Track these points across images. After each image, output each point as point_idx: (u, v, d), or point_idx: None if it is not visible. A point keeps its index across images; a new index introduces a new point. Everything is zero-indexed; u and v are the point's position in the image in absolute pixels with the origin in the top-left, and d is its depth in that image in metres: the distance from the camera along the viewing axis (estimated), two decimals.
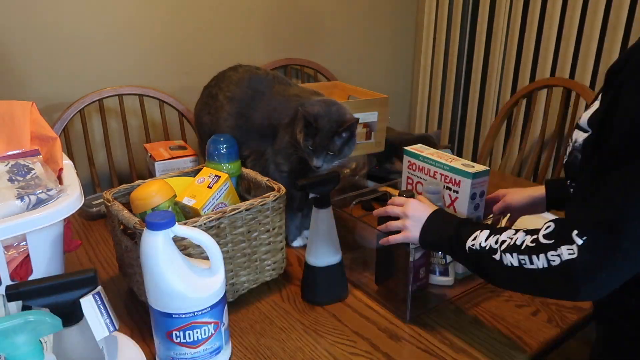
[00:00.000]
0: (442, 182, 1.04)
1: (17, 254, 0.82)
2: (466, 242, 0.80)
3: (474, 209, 1.01)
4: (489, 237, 0.78)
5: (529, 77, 2.12)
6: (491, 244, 0.76)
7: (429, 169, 1.07)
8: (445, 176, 1.04)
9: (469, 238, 0.80)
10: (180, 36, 1.91)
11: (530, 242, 0.72)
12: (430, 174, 1.07)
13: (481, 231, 0.80)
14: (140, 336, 0.91)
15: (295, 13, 2.17)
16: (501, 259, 0.74)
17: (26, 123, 0.97)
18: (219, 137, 1.11)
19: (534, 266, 0.70)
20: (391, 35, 2.51)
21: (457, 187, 1.01)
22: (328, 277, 1.00)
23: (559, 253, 0.68)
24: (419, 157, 1.09)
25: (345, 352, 0.88)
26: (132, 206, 0.93)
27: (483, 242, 0.78)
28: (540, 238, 0.71)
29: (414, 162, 1.11)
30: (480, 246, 0.78)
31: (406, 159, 1.13)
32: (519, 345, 0.89)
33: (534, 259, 0.70)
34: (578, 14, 1.91)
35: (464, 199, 1.01)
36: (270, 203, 0.98)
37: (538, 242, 0.71)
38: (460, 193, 1.01)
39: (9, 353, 0.56)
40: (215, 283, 0.79)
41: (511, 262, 0.73)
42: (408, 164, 1.13)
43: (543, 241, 0.70)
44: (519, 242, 0.73)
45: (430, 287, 1.03)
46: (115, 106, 1.78)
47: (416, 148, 1.12)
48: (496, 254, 0.75)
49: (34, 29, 1.64)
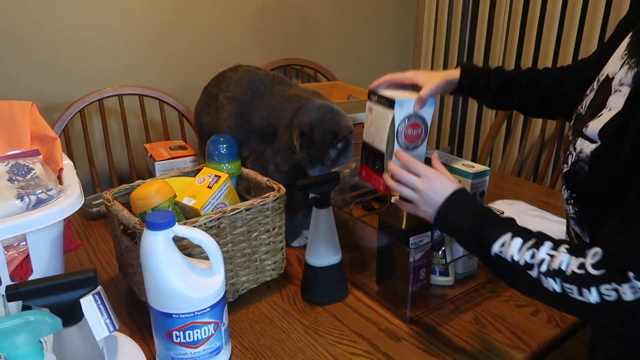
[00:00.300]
0: None
1: (17, 254, 0.82)
2: (492, 246, 0.73)
3: None
4: (522, 249, 0.71)
5: None
6: (526, 259, 0.70)
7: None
8: None
9: (495, 242, 0.73)
10: (180, 36, 1.91)
11: (577, 268, 0.65)
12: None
13: (511, 237, 0.72)
14: (140, 336, 0.91)
15: (295, 13, 2.17)
16: (539, 279, 0.68)
17: (26, 123, 0.97)
18: (219, 137, 1.11)
19: (584, 299, 0.64)
20: (391, 35, 2.51)
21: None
22: (328, 277, 1.00)
23: (615, 289, 0.62)
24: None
25: (345, 352, 0.88)
26: (132, 206, 0.93)
27: (515, 255, 0.71)
28: (589, 267, 0.64)
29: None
30: (512, 259, 0.71)
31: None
32: (519, 345, 0.89)
33: (584, 292, 0.64)
34: (578, 14, 1.91)
35: None
36: (270, 203, 0.98)
37: (587, 271, 0.64)
38: None
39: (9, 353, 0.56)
40: (215, 283, 0.79)
41: (554, 287, 0.67)
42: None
43: (593, 272, 0.64)
44: (563, 266, 0.66)
45: (430, 287, 1.03)
46: (115, 106, 1.78)
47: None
48: (532, 271, 0.69)
49: (34, 29, 1.64)
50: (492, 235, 0.74)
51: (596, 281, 0.63)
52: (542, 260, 0.68)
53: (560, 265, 0.67)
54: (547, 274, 0.67)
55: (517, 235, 0.72)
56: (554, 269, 0.67)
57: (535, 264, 0.69)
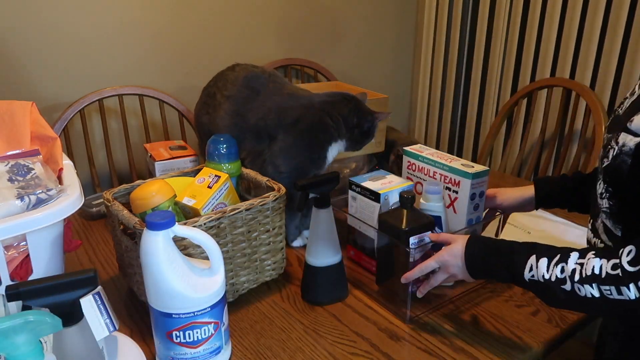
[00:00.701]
0: (442, 182, 1.04)
1: (17, 254, 0.82)
2: (523, 274, 0.76)
3: (473, 209, 1.02)
4: (550, 266, 0.73)
5: (529, 77, 2.12)
6: (557, 274, 0.72)
7: (428, 169, 1.07)
8: (444, 176, 1.04)
9: (524, 270, 0.76)
10: (180, 36, 1.91)
11: (611, 269, 0.67)
12: (430, 175, 1.07)
13: (537, 260, 0.75)
14: (140, 336, 0.91)
15: (295, 13, 2.17)
16: (574, 289, 0.70)
17: (26, 123, 0.97)
18: (219, 137, 1.11)
19: (623, 297, 0.66)
20: (391, 35, 2.51)
21: (457, 188, 1.01)
22: (328, 277, 1.00)
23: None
24: (419, 158, 1.09)
25: (345, 352, 0.88)
26: (132, 206, 0.93)
27: (546, 274, 0.73)
28: (625, 265, 0.66)
29: (413, 162, 1.11)
30: (543, 278, 0.73)
31: (405, 159, 1.13)
32: (519, 345, 0.89)
33: (623, 290, 0.66)
34: (578, 14, 1.91)
35: (463, 199, 1.01)
36: (270, 203, 0.98)
37: (623, 269, 0.66)
38: (460, 193, 1.01)
39: (9, 353, 0.56)
40: (215, 283, 0.79)
41: (591, 293, 0.68)
42: (408, 164, 1.13)
43: (630, 269, 0.65)
44: (596, 270, 0.68)
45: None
46: (115, 106, 1.78)
47: (416, 148, 1.12)
48: (566, 284, 0.71)
49: (34, 29, 1.64)
50: (519, 265, 0.76)
51: (633, 277, 0.65)
52: (573, 271, 0.70)
53: (593, 270, 0.68)
54: (581, 281, 0.69)
55: (541, 255, 0.75)
56: (587, 275, 0.69)
57: (567, 276, 0.71)
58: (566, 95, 1.88)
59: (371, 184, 1.04)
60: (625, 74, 1.81)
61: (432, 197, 1.00)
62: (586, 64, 1.92)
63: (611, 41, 1.82)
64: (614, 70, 1.84)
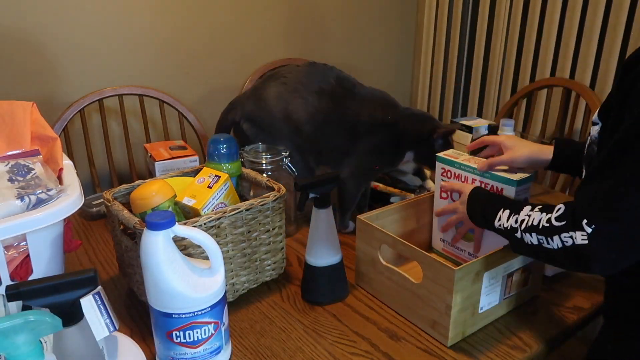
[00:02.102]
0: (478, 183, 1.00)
1: (17, 254, 0.82)
2: (494, 223, 0.87)
3: None
4: (509, 217, 0.84)
5: (529, 77, 2.12)
6: (512, 224, 0.83)
7: (466, 176, 1.01)
8: (485, 184, 0.99)
9: (494, 220, 0.87)
10: (180, 36, 1.91)
11: (545, 222, 0.78)
12: (467, 182, 1.02)
13: (502, 211, 0.86)
14: (140, 336, 0.91)
15: (295, 13, 2.17)
16: (522, 238, 0.81)
17: (26, 123, 0.97)
18: (219, 137, 1.11)
19: (550, 246, 0.77)
20: (391, 35, 2.51)
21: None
22: (328, 277, 1.00)
23: (570, 235, 0.74)
24: (455, 164, 1.03)
25: (345, 352, 0.88)
26: (132, 206, 0.93)
27: (505, 223, 0.85)
28: (553, 220, 0.77)
29: (448, 169, 1.04)
30: (504, 227, 0.85)
31: (439, 166, 1.06)
32: (519, 345, 0.89)
33: (549, 240, 0.77)
34: (578, 14, 1.91)
35: None
36: (270, 203, 0.98)
37: (551, 224, 0.77)
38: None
39: (9, 353, 0.56)
40: (215, 283, 0.79)
41: (531, 241, 0.80)
42: (442, 171, 1.06)
43: (556, 223, 0.76)
44: (535, 222, 0.79)
45: None
46: (115, 106, 1.78)
47: (450, 154, 1.05)
48: (517, 233, 0.82)
49: (34, 29, 1.64)
50: (492, 215, 0.88)
51: (558, 230, 0.75)
52: (522, 221, 0.82)
53: (533, 221, 0.80)
54: (525, 230, 0.81)
55: (507, 208, 0.86)
56: (530, 225, 0.80)
57: (517, 226, 0.82)
58: (566, 95, 1.88)
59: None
60: None
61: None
62: (586, 64, 1.91)
63: (611, 41, 1.82)
64: (614, 70, 1.84)
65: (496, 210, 0.88)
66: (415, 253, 0.90)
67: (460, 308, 0.86)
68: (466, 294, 0.86)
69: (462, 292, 0.85)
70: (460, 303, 0.86)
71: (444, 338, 0.89)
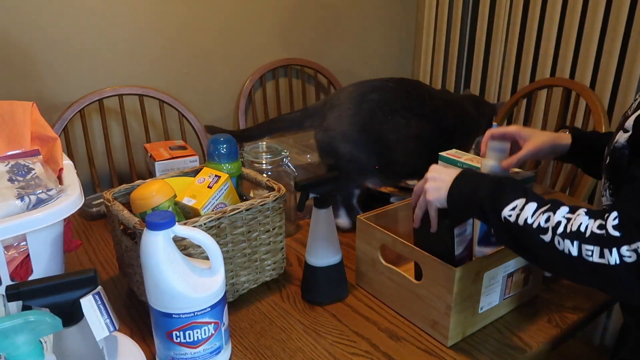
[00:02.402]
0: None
1: (17, 254, 0.82)
2: (502, 210, 0.73)
3: None
4: (536, 212, 0.70)
5: (529, 77, 2.12)
6: (540, 222, 0.69)
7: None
8: None
9: (506, 206, 0.73)
10: (180, 36, 1.91)
11: (597, 229, 0.64)
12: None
13: (526, 202, 0.72)
14: (140, 336, 0.91)
15: (295, 13, 2.17)
16: (554, 242, 0.67)
17: (27, 123, 0.97)
18: (219, 137, 1.11)
19: (604, 260, 0.63)
20: (391, 35, 2.51)
21: None
22: (328, 277, 1.00)
23: (634, 248, 0.62)
24: (457, 164, 1.02)
25: (345, 352, 0.88)
26: (132, 206, 0.93)
27: (529, 219, 0.70)
28: (610, 229, 0.64)
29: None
30: (525, 222, 0.70)
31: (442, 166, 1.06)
32: (519, 345, 0.89)
33: (605, 252, 0.63)
34: (578, 14, 1.91)
35: None
36: (270, 203, 0.98)
37: (608, 233, 0.64)
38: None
39: (9, 353, 0.56)
40: (215, 283, 0.79)
41: (569, 249, 0.65)
42: None
43: (614, 233, 0.63)
44: (582, 228, 0.65)
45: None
46: (115, 106, 1.79)
47: (452, 154, 1.05)
48: (546, 235, 0.68)
49: (34, 29, 1.64)
50: (504, 199, 0.73)
51: (617, 242, 0.63)
52: (559, 223, 0.67)
53: (579, 227, 0.66)
54: (563, 235, 0.66)
55: (531, 200, 0.72)
56: (572, 230, 0.66)
57: (550, 227, 0.68)
58: (566, 95, 1.88)
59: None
60: (625, 74, 1.81)
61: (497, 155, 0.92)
62: (586, 64, 1.91)
63: (611, 41, 1.82)
64: (614, 70, 1.84)
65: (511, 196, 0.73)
66: (415, 253, 0.90)
67: (460, 308, 0.86)
68: (466, 294, 0.86)
69: (462, 292, 0.85)
70: (460, 303, 0.86)
71: (444, 338, 0.89)
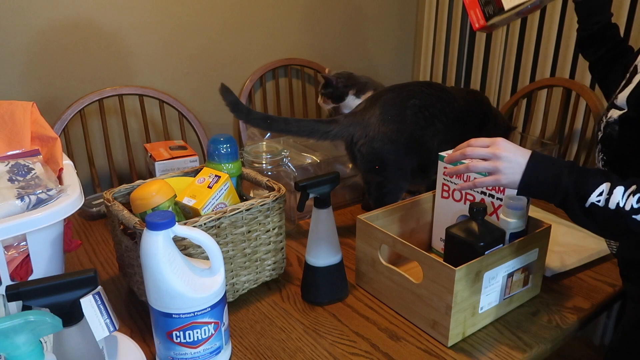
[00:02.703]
0: (485, 189, 1.00)
1: (17, 254, 0.82)
2: (589, 196, 0.74)
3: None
4: (625, 194, 0.72)
5: (529, 77, 2.12)
6: (632, 204, 0.71)
7: (468, 175, 1.01)
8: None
9: (592, 192, 0.74)
10: (180, 36, 1.91)
11: None
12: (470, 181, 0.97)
13: (613, 187, 0.73)
14: (140, 336, 0.91)
15: (295, 13, 2.17)
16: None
17: (27, 123, 0.97)
18: (219, 137, 1.11)
19: None
20: (391, 35, 2.51)
21: (502, 195, 0.98)
22: (328, 277, 1.00)
23: None
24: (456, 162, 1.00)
25: (345, 352, 0.88)
26: (132, 206, 0.93)
27: (621, 202, 0.72)
28: None
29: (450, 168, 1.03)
30: (617, 205, 0.72)
31: (441, 165, 1.07)
32: (519, 345, 0.89)
33: None
34: None
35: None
36: (270, 203, 0.98)
37: None
38: (505, 201, 0.96)
39: (9, 353, 0.56)
40: (215, 283, 0.79)
41: None
42: (444, 170, 1.07)
43: None
44: None
45: None
46: (115, 106, 1.79)
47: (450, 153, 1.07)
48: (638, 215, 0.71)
49: (34, 29, 1.64)
50: (590, 185, 0.74)
51: None
52: None
53: None
54: None
55: (617, 184, 0.73)
56: None
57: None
58: (566, 95, 1.88)
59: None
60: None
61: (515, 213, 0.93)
62: (586, 64, 1.91)
63: None
64: None
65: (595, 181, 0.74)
66: (415, 253, 0.90)
67: (460, 308, 0.86)
68: (466, 294, 0.86)
69: (462, 292, 0.85)
70: (460, 303, 0.86)
71: (444, 338, 0.89)
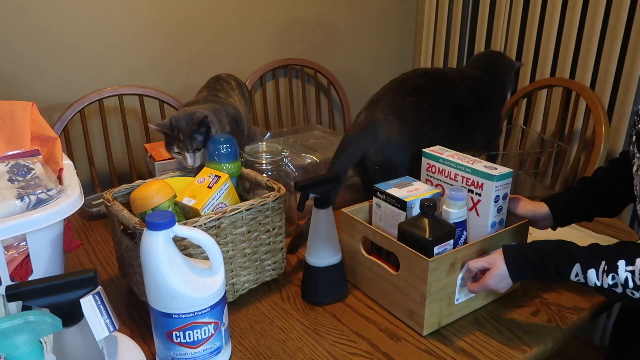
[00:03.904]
0: (465, 184, 1.01)
1: (17, 254, 0.82)
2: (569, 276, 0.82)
3: (497, 211, 0.99)
4: (599, 275, 0.79)
5: (529, 77, 2.12)
6: (608, 282, 0.78)
7: (449, 171, 1.03)
8: (466, 179, 1.00)
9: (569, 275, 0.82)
10: (180, 36, 1.91)
11: None
12: (451, 177, 1.03)
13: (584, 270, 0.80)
14: (140, 336, 0.91)
15: (295, 13, 2.17)
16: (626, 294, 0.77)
17: (27, 123, 0.97)
18: (219, 137, 1.11)
19: None
20: (391, 35, 2.51)
21: (480, 190, 0.99)
22: (328, 277, 1.00)
23: None
24: (439, 160, 1.05)
25: (345, 352, 0.88)
26: (132, 206, 0.93)
27: (597, 282, 0.80)
28: None
29: (433, 164, 1.06)
30: (595, 285, 0.80)
31: (425, 162, 1.09)
32: (519, 345, 0.89)
33: None
34: (578, 14, 1.91)
35: (487, 202, 0.98)
36: (270, 203, 0.98)
37: None
38: (483, 196, 0.98)
39: (9, 353, 0.56)
40: (215, 283, 0.79)
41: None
42: (427, 166, 1.08)
43: None
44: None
45: None
46: (115, 106, 1.78)
47: (435, 150, 1.08)
48: (617, 288, 0.78)
49: (34, 29, 1.64)
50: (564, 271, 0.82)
51: None
52: (626, 280, 0.76)
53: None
54: (636, 288, 0.76)
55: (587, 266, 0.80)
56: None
57: (619, 284, 0.77)
58: (566, 95, 1.88)
59: (397, 191, 1.00)
60: (625, 74, 1.81)
61: (456, 204, 0.96)
62: (586, 64, 1.91)
63: (611, 41, 1.82)
64: (614, 70, 1.83)
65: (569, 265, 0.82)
66: (392, 244, 0.93)
67: (435, 298, 0.89)
68: (441, 284, 0.89)
69: (437, 282, 0.88)
70: (434, 293, 0.89)
71: (419, 327, 0.91)
